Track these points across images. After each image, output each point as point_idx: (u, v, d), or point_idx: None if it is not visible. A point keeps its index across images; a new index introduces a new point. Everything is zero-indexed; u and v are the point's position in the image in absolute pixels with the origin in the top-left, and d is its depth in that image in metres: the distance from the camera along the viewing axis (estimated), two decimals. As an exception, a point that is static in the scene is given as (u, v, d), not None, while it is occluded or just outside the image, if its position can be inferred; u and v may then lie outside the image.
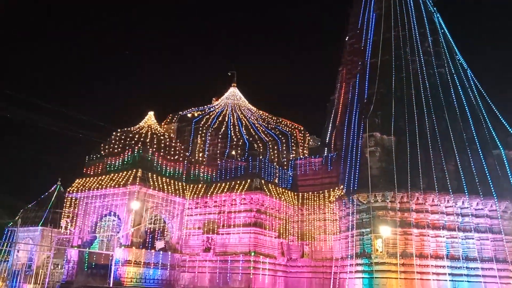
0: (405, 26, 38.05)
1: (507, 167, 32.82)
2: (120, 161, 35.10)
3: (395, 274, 28.39)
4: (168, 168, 35.97)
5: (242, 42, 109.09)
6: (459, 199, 30.75)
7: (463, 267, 29.08)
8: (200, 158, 39.66)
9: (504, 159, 33.16)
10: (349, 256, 30.80)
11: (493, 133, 34.47)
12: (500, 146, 33.74)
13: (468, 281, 28.78)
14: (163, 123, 43.95)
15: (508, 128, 35.17)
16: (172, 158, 36.43)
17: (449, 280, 28.58)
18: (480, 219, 30.78)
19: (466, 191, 30.81)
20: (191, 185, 36.54)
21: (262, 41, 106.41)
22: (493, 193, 30.87)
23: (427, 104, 34.36)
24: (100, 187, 34.08)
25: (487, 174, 31.78)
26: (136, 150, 34.45)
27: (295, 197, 36.95)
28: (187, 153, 39.13)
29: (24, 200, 50.05)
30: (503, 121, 35.61)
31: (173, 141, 38.41)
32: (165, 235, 35.46)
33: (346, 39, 42.07)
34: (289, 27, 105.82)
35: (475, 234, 30.24)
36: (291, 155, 41.44)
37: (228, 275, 32.95)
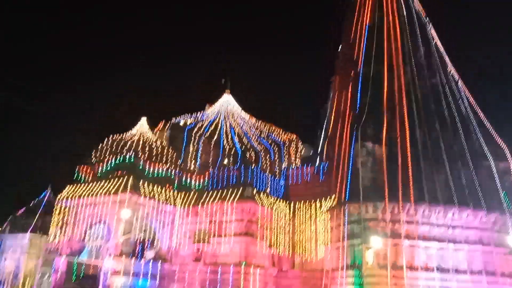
0: (397, 37, 38.20)
1: (497, 179, 32.94)
2: (111, 168, 34.81)
3: (386, 285, 28.30)
4: (159, 176, 35.73)
5: (236, 48, 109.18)
6: (450, 211, 30.76)
7: (453, 279, 29.05)
8: (192, 167, 39.47)
9: (494, 170, 33.29)
10: (340, 267, 30.67)
11: (484, 144, 34.61)
12: (490, 158, 33.85)
13: (457, 293, 28.78)
14: (155, 129, 43.73)
15: (499, 139, 35.33)
16: (163, 166, 36.21)
17: (439, 292, 28.55)
18: (470, 230, 30.80)
19: (456, 203, 30.86)
20: (183, 193, 36.32)
21: (256, 48, 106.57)
22: (483, 205, 30.92)
23: (419, 115, 34.45)
24: (90, 194, 33.77)
25: (478, 186, 31.85)
26: (127, 157, 34.22)
27: (287, 206, 36.81)
28: (179, 161, 38.93)
29: (13, 206, 49.50)
30: (494, 132, 35.77)
31: (165, 149, 38.20)
32: (155, 244, 35.16)
33: (339, 49, 42.19)
34: (283, 35, 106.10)
35: (465, 246, 30.24)
36: (283, 164, 41.38)
37: (218, 285, 32.73)
